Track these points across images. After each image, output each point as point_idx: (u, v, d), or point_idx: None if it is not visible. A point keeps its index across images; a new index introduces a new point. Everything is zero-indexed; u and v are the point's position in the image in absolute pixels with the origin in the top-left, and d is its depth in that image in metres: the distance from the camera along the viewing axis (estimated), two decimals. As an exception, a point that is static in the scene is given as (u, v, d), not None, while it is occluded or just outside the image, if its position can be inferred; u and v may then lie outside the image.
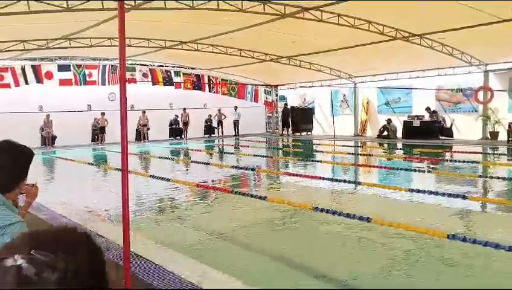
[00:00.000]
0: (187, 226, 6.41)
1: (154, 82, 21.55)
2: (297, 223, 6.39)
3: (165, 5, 10.19)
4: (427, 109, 19.34)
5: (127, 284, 3.47)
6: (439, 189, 8.14)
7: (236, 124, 25.11)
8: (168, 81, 22.01)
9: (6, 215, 1.77)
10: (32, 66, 18.42)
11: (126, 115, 3.35)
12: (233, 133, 25.02)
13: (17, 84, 18.06)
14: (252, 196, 7.71)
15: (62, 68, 19.17)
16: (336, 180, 9.41)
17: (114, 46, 15.23)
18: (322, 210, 6.47)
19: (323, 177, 9.69)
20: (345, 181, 9.20)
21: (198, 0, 10.42)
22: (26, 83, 18.22)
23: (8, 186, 1.90)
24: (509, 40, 14.25)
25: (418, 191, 7.87)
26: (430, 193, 7.73)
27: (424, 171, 10.60)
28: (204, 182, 9.90)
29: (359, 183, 9.04)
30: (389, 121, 20.59)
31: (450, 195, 7.45)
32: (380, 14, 12.54)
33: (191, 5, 10.35)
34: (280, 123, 25.99)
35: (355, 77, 22.81)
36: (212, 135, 24.91)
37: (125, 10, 8.29)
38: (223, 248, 5.34)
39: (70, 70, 19.30)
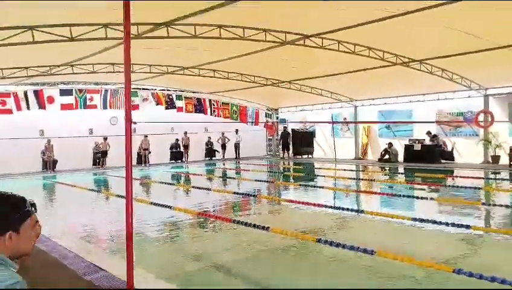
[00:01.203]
0: (188, 258, 6.35)
1: (158, 102, 21.73)
2: (300, 255, 6.33)
3: (168, 34, 10.31)
4: (428, 132, 19.40)
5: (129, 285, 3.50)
6: (443, 218, 8.07)
7: (237, 146, 25.23)
8: (170, 105, 22.19)
9: (3, 277, 1.72)
10: (35, 91, 18.57)
11: (131, 144, 3.37)
12: (234, 156, 25.10)
13: (19, 108, 18.18)
14: (254, 226, 7.65)
15: (64, 93, 19.33)
16: (340, 208, 9.35)
17: (116, 72, 15.40)
18: (325, 242, 6.41)
19: (326, 205, 9.64)
20: (348, 209, 9.14)
21: (201, 27, 10.55)
22: (28, 108, 18.34)
23: None
24: (508, 65, 14.39)
25: (422, 220, 7.81)
26: (434, 222, 7.67)
27: (427, 198, 10.54)
28: (205, 210, 9.86)
29: (362, 211, 8.99)
30: (390, 144, 20.63)
31: (453, 225, 7.39)
32: (380, 41, 12.69)
33: (194, 33, 10.47)
34: (280, 146, 26.05)
35: (356, 100, 22.96)
36: (213, 158, 24.94)
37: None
38: (224, 281, 5.28)
39: (72, 94, 19.46)
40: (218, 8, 8.84)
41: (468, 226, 7.25)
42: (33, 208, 1.99)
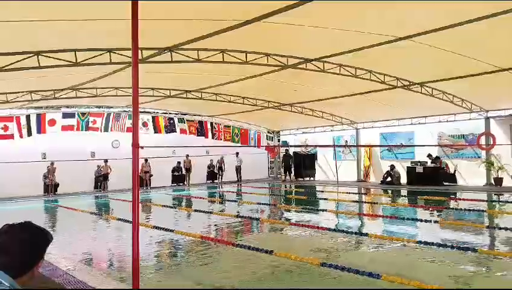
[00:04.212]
0: (190, 281, 6.29)
1: (156, 131, 21.74)
2: (304, 279, 6.24)
3: (172, 58, 10.43)
4: (429, 155, 19.41)
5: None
6: (448, 241, 8.00)
7: (238, 169, 25.24)
8: (170, 129, 22.22)
9: None
10: (37, 115, 18.67)
11: (138, 169, 3.38)
12: (236, 179, 25.08)
13: (21, 136, 18.26)
14: (257, 249, 7.59)
15: (67, 116, 19.46)
16: (343, 231, 9.28)
17: (119, 95, 15.52)
18: (330, 266, 6.35)
19: (329, 229, 9.57)
20: (352, 232, 9.08)
21: (204, 52, 10.66)
22: (30, 134, 18.41)
23: (17, 271, 1.86)
24: (509, 87, 14.48)
25: (426, 243, 7.76)
26: (439, 245, 7.61)
27: (431, 221, 10.46)
28: (207, 234, 9.79)
29: (366, 234, 8.91)
30: (392, 167, 20.58)
31: (459, 248, 7.34)
32: (380, 64, 12.81)
33: (197, 57, 10.59)
34: (282, 169, 26.03)
35: (357, 123, 23.05)
36: (215, 181, 24.92)
37: (130, 63, 8.43)
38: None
39: (74, 117, 19.59)
40: (221, 32, 8.97)
41: (474, 250, 7.19)
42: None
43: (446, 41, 10.01)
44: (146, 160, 21.77)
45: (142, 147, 3.14)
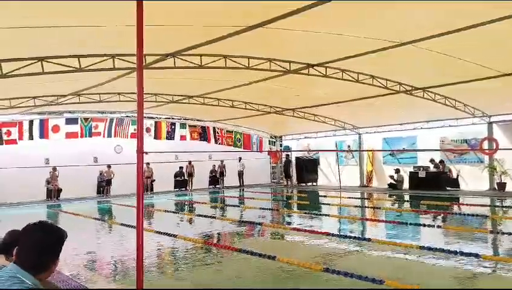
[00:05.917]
0: (193, 286, 6.29)
1: (156, 137, 21.70)
2: (307, 286, 6.24)
3: (175, 64, 10.47)
4: (431, 160, 19.38)
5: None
6: (452, 246, 7.98)
7: (240, 174, 25.22)
8: (170, 136, 22.16)
9: None
10: (40, 120, 18.72)
11: (142, 175, 3.40)
12: (238, 184, 25.07)
13: (20, 138, 18.28)
14: (260, 255, 7.58)
15: (69, 121, 19.48)
16: (346, 236, 9.26)
17: (122, 101, 15.57)
18: (333, 271, 6.34)
19: (332, 234, 9.56)
20: (355, 237, 9.07)
21: (207, 58, 10.70)
22: (31, 138, 18.43)
23: (35, 269, 1.91)
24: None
25: (430, 248, 7.74)
26: (442, 251, 7.59)
27: (433, 226, 10.44)
28: (209, 239, 9.80)
29: (369, 239, 8.89)
30: (397, 170, 20.52)
31: (463, 253, 7.31)
32: (382, 69, 12.82)
33: (200, 63, 10.63)
34: (283, 174, 26.01)
35: (360, 128, 23.05)
36: (217, 186, 24.91)
37: (134, 69, 8.38)
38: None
39: (77, 123, 19.61)
40: (223, 38, 9.00)
41: (477, 255, 7.17)
42: None
43: (448, 47, 10.01)
44: (148, 164, 21.73)
45: (146, 153, 3.16)
